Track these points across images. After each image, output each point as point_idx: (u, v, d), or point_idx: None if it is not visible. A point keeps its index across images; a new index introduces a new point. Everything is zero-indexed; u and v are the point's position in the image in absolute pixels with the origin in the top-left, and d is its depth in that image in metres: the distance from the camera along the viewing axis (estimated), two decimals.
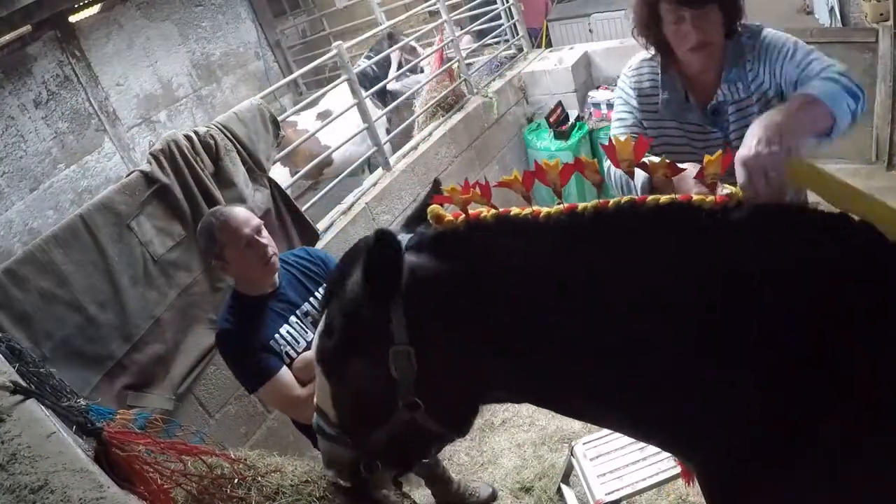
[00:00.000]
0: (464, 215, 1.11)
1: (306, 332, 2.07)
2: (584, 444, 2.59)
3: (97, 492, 0.95)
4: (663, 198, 1.04)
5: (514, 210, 1.10)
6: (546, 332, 1.08)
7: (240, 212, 2.04)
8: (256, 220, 2.03)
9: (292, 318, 2.06)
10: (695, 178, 1.13)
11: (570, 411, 1.29)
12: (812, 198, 1.50)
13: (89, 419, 1.16)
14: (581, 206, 1.06)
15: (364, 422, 1.20)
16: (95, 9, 5.62)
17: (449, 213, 1.14)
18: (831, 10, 5.35)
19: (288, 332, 2.04)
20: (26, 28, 4.90)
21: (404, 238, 1.13)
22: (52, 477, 0.94)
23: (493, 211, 1.11)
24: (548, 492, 2.90)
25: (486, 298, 1.08)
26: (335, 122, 4.24)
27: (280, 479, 1.40)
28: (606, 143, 1.16)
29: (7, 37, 4.83)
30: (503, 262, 1.08)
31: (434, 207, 1.13)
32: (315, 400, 1.29)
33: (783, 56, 1.57)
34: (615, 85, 5.91)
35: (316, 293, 2.13)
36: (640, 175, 1.45)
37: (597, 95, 5.27)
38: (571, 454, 2.63)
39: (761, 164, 1.06)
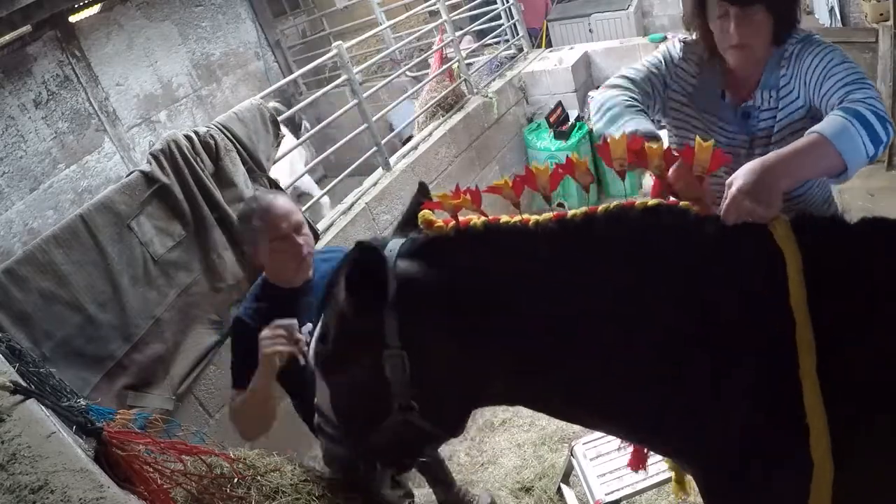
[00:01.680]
0: (454, 222, 1.13)
1: None
2: (584, 444, 2.59)
3: (97, 492, 0.95)
4: (651, 201, 1.08)
5: (504, 218, 1.12)
6: (535, 335, 1.11)
7: (283, 203, 1.95)
8: (298, 217, 1.94)
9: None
10: (683, 163, 1.16)
11: (561, 414, 1.32)
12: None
13: (89, 419, 1.16)
14: (571, 213, 1.09)
15: (361, 423, 1.23)
16: (95, 9, 5.61)
17: (440, 219, 1.16)
18: (831, 10, 5.35)
19: (310, 332, 1.95)
20: (26, 28, 4.89)
21: (396, 243, 1.15)
22: (52, 477, 0.94)
23: (483, 218, 1.13)
24: (548, 492, 2.90)
25: (475, 304, 1.11)
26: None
27: (280, 479, 1.40)
28: (600, 143, 1.16)
29: (7, 37, 4.83)
30: (492, 269, 1.11)
31: (425, 212, 1.15)
32: (316, 400, 1.31)
33: (818, 71, 1.45)
34: None
35: None
36: (627, 127, 1.41)
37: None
38: (571, 454, 2.63)
39: (742, 214, 1.08)
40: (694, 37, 1.67)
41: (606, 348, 1.09)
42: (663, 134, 1.54)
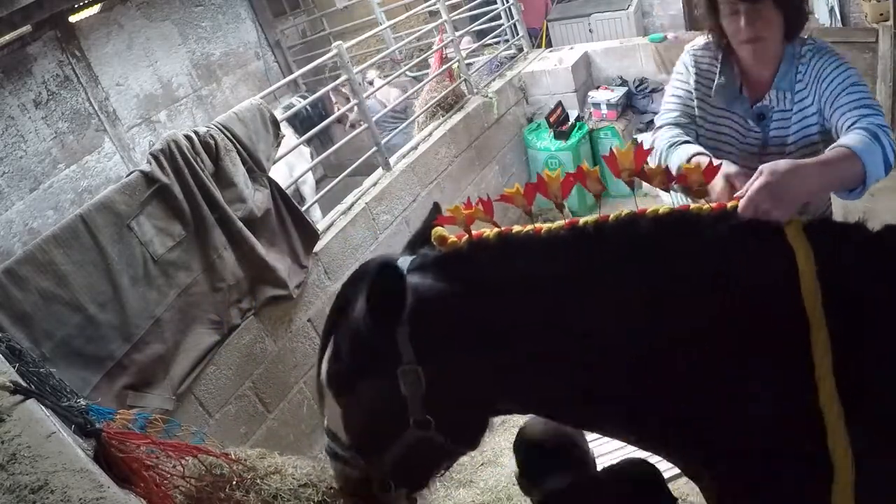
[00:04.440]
0: (467, 236, 1.14)
1: None
2: None
3: (97, 492, 0.95)
4: (662, 208, 1.07)
5: (516, 228, 1.13)
6: (550, 346, 1.10)
7: None
8: None
9: None
10: (678, 182, 1.17)
11: (577, 422, 1.32)
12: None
13: (89, 419, 1.16)
14: (582, 220, 1.08)
15: (376, 441, 1.22)
16: (95, 9, 5.61)
17: (453, 234, 1.17)
18: (831, 10, 5.35)
19: None
20: (26, 28, 4.89)
21: (406, 260, 1.16)
22: (52, 477, 0.94)
23: (495, 230, 1.13)
24: None
25: (489, 316, 1.11)
26: None
27: (280, 482, 1.39)
28: (607, 156, 1.16)
29: (7, 37, 4.83)
30: (506, 281, 1.11)
31: (437, 229, 1.15)
32: (325, 423, 1.29)
33: (836, 84, 1.54)
34: (615, 85, 5.88)
35: None
36: (679, 155, 1.50)
37: (597, 95, 5.27)
38: None
39: (759, 212, 1.09)
40: (703, 40, 1.75)
41: (621, 356, 1.08)
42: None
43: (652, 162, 1.59)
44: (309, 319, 3.51)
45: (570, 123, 5.14)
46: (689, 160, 1.43)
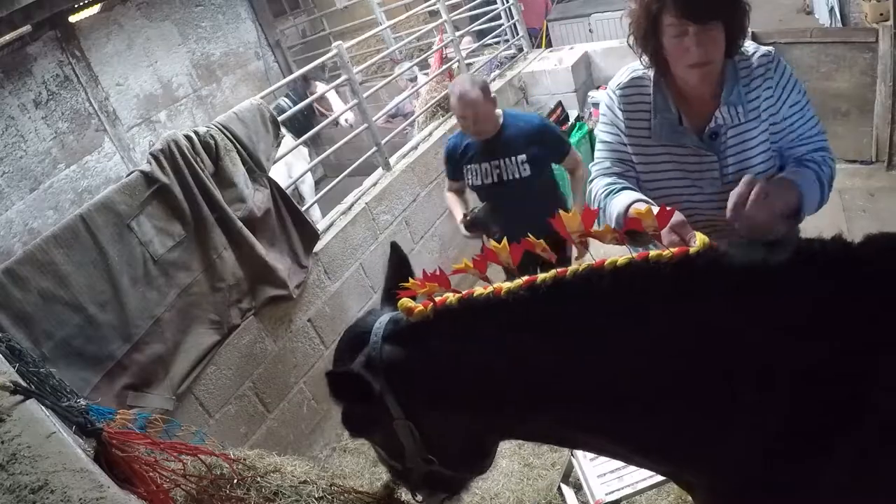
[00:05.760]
0: (431, 304, 1.22)
1: (480, 177, 2.89)
2: None
3: (97, 492, 0.95)
4: (620, 259, 1.07)
5: (478, 290, 1.19)
6: (523, 396, 1.17)
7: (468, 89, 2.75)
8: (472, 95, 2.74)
9: (483, 164, 2.87)
10: (630, 227, 1.19)
11: (568, 446, 1.41)
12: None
13: (89, 419, 1.16)
14: (540, 277, 1.12)
15: (398, 468, 1.41)
16: (95, 9, 5.62)
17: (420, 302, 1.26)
18: (831, 10, 5.36)
19: (474, 168, 2.89)
20: (26, 28, 4.90)
21: (382, 324, 1.26)
22: (52, 477, 0.94)
23: (457, 295, 1.21)
24: (548, 492, 2.90)
25: (458, 375, 1.20)
26: None
27: (280, 480, 1.40)
28: (554, 220, 1.19)
29: (7, 37, 4.83)
30: (471, 341, 1.18)
31: (403, 301, 1.24)
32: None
33: (794, 103, 1.55)
34: None
35: (515, 156, 2.81)
36: (617, 204, 1.55)
37: (597, 95, 5.27)
38: (571, 454, 2.63)
39: (760, 190, 1.21)
40: (626, 76, 1.68)
41: (598, 396, 1.11)
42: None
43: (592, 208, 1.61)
44: (309, 319, 3.51)
45: (570, 123, 5.14)
46: (626, 210, 1.45)
